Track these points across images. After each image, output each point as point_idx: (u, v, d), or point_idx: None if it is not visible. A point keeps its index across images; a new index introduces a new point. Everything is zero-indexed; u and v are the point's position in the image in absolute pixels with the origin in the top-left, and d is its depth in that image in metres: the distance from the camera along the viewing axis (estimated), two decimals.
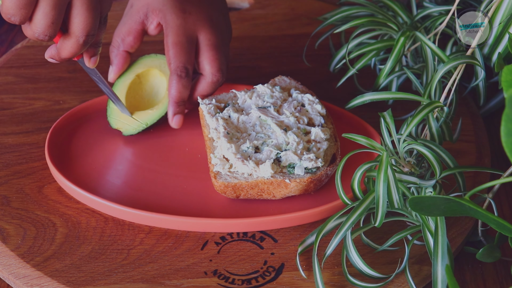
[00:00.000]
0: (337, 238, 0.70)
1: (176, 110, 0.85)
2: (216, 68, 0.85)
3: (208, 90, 0.87)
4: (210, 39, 0.86)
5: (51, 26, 0.70)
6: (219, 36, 0.87)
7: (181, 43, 0.85)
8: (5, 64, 1.00)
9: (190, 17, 0.86)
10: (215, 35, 0.86)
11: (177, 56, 0.85)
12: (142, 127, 0.87)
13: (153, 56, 0.91)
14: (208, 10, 0.88)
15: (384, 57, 0.92)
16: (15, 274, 0.73)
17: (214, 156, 0.80)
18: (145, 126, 0.87)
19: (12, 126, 0.90)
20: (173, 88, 0.84)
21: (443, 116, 0.78)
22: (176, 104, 0.85)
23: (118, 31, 0.89)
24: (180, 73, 0.84)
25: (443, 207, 0.62)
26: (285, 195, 0.79)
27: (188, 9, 0.86)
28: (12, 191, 0.82)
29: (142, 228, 0.78)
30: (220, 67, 0.86)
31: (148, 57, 0.91)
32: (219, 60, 0.86)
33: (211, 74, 0.85)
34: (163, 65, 0.90)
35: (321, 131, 0.81)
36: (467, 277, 0.76)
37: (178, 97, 0.85)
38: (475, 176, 0.84)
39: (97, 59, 0.80)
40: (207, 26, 0.86)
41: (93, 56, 0.80)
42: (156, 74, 0.90)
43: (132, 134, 0.87)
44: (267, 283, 0.73)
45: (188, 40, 0.85)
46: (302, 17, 1.11)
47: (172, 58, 0.85)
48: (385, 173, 0.69)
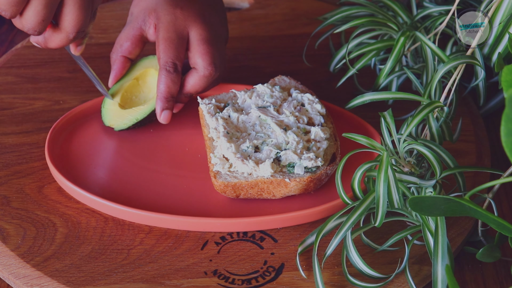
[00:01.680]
0: (337, 238, 0.70)
1: (165, 105, 0.85)
2: (208, 61, 0.85)
3: (201, 84, 0.86)
4: (201, 34, 0.86)
5: (41, 23, 0.71)
6: (211, 32, 0.87)
7: (171, 38, 0.85)
8: (5, 64, 1.00)
9: (181, 13, 0.86)
10: (207, 31, 0.86)
11: (166, 51, 0.84)
12: (133, 122, 0.87)
13: (151, 57, 0.91)
14: (200, 6, 0.88)
15: (384, 57, 0.92)
16: (15, 274, 0.73)
17: (214, 156, 0.80)
18: (135, 120, 0.87)
19: (12, 126, 0.90)
20: (162, 83, 0.84)
21: (443, 116, 0.78)
22: (164, 99, 0.85)
23: (118, 38, 0.89)
24: (169, 68, 0.84)
25: (443, 207, 0.62)
26: (285, 195, 0.79)
27: (179, 5, 0.86)
28: (12, 191, 0.82)
29: (142, 228, 0.78)
30: (212, 61, 0.85)
31: (147, 58, 0.91)
32: (211, 54, 0.85)
33: (203, 67, 0.85)
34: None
35: (321, 131, 0.81)
36: (467, 277, 0.76)
37: (167, 92, 0.84)
38: (475, 176, 0.84)
39: (82, 47, 0.81)
40: (199, 21, 0.86)
41: (79, 45, 0.81)
42: (153, 74, 0.90)
43: (124, 128, 0.87)
44: (267, 283, 0.73)
45: (178, 36, 0.85)
46: (302, 17, 1.11)
47: (161, 53, 0.85)
48: (385, 173, 0.69)
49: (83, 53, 0.84)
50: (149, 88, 0.91)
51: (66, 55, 1.02)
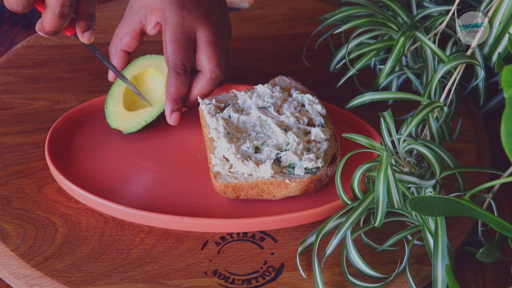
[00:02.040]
0: (337, 238, 0.71)
1: (174, 107, 0.85)
2: (214, 64, 0.85)
3: (207, 87, 0.86)
4: (208, 36, 0.86)
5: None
6: (217, 34, 0.87)
7: (179, 40, 0.85)
8: (5, 64, 1.00)
9: (189, 14, 0.86)
10: (213, 33, 0.86)
11: (175, 53, 0.84)
12: (142, 125, 0.87)
13: (148, 57, 0.91)
14: (206, 8, 0.88)
15: (384, 57, 0.92)
16: (15, 274, 0.73)
17: (214, 156, 0.80)
18: (144, 123, 0.87)
19: (12, 126, 0.90)
20: (171, 85, 0.84)
21: (443, 116, 0.78)
22: (174, 101, 0.85)
23: (117, 30, 0.89)
24: (179, 70, 0.84)
25: (443, 207, 0.62)
26: (285, 195, 0.79)
27: (186, 6, 0.86)
28: (12, 191, 0.82)
29: (142, 228, 0.78)
30: (218, 63, 0.85)
31: (143, 58, 0.91)
32: (218, 57, 0.86)
33: (210, 70, 0.85)
34: (159, 65, 0.90)
35: (321, 131, 0.81)
36: (467, 277, 0.76)
37: (176, 94, 0.85)
38: (475, 176, 0.84)
39: (90, 34, 0.79)
40: (206, 23, 0.86)
41: (86, 31, 0.78)
42: (152, 74, 0.90)
43: (132, 132, 0.87)
44: (267, 283, 0.73)
45: (187, 37, 0.85)
46: (302, 17, 1.11)
47: (170, 55, 0.85)
48: (385, 173, 0.69)
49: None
50: (149, 88, 0.90)
51: (66, 55, 1.02)
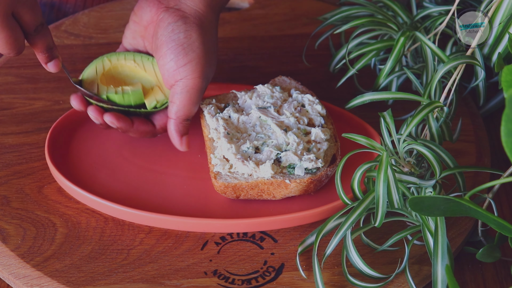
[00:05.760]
0: (337, 238, 0.71)
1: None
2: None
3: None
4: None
5: None
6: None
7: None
8: (5, 64, 1.00)
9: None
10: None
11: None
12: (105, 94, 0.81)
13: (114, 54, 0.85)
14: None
15: (384, 57, 0.92)
16: (15, 274, 0.73)
17: (214, 157, 0.80)
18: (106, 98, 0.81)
19: (12, 126, 0.90)
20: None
21: (443, 116, 0.78)
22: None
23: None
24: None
25: (443, 207, 0.62)
26: (285, 196, 0.79)
27: None
28: (12, 191, 0.82)
29: (142, 228, 0.78)
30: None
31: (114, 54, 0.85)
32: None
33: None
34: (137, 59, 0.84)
35: (321, 132, 0.81)
36: (467, 277, 0.76)
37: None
38: (475, 176, 0.84)
39: (55, 64, 0.80)
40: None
41: (48, 62, 0.79)
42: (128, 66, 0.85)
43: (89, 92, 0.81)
44: (267, 283, 0.73)
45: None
46: (302, 17, 1.10)
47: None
48: (385, 173, 0.69)
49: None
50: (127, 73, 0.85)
51: (66, 55, 1.02)
